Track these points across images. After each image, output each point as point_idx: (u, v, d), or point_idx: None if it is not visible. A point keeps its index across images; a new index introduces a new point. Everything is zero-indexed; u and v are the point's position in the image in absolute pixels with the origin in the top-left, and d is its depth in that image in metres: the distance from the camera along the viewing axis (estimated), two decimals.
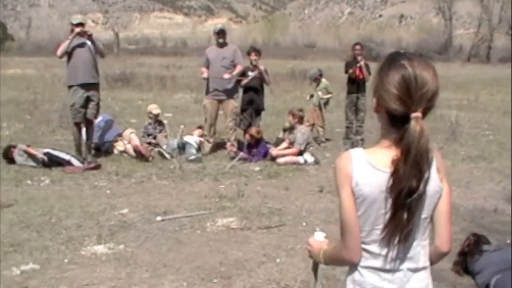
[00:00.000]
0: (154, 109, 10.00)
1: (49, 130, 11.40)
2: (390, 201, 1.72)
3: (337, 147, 10.26)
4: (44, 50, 59.15)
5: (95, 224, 5.58)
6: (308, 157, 8.77)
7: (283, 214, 5.97)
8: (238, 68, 9.21)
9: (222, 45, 9.37)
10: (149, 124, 9.93)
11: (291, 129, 9.10)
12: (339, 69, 10.65)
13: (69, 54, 8.33)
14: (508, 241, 5.14)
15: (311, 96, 11.20)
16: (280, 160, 8.68)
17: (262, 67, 9.52)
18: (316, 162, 8.77)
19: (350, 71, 10.09)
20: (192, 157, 8.91)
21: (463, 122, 12.65)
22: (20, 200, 6.48)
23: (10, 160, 8.27)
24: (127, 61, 37.67)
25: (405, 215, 1.72)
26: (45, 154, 8.20)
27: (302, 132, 8.86)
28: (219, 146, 9.80)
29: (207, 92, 9.39)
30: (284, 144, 9.02)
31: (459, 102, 17.90)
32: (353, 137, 10.38)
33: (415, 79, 1.69)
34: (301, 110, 9.23)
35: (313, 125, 10.79)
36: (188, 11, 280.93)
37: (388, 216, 1.74)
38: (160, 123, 10.05)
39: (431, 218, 1.86)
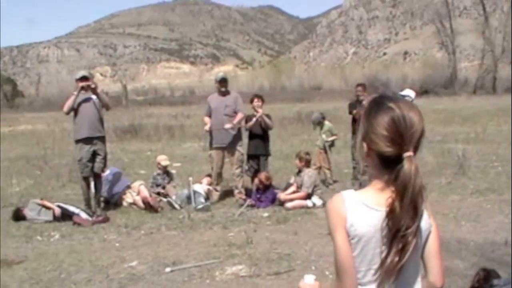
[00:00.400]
0: (163, 160, 10.09)
1: (59, 185, 11.51)
2: (385, 240, 1.74)
3: (345, 188, 10.21)
4: (53, 105, 60.02)
5: (104, 278, 5.59)
6: (316, 200, 8.78)
7: (292, 259, 5.96)
8: (239, 116, 9.30)
9: (224, 93, 9.50)
10: (158, 174, 10.01)
11: (298, 172, 9.13)
12: (346, 109, 10.74)
13: (75, 109, 8.49)
14: None
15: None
16: (288, 204, 8.69)
17: (260, 111, 9.62)
18: (324, 204, 8.74)
19: (354, 111, 10.18)
20: (200, 206, 8.93)
21: (470, 155, 12.62)
22: (30, 256, 6.53)
23: (21, 218, 8.35)
24: (135, 112, 38.16)
25: (401, 253, 1.73)
26: (57, 206, 8.33)
27: (309, 175, 8.90)
28: (227, 194, 9.83)
29: (211, 142, 9.47)
30: (292, 188, 9.05)
31: (467, 135, 17.93)
32: (360, 178, 10.37)
33: (404, 119, 1.75)
34: (307, 153, 9.28)
35: (320, 168, 10.82)
36: (194, 60, 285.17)
37: (384, 254, 1.75)
38: (168, 173, 10.14)
39: (422, 255, 1.88)
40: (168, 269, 5.71)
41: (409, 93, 9.88)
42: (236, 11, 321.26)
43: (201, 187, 9.61)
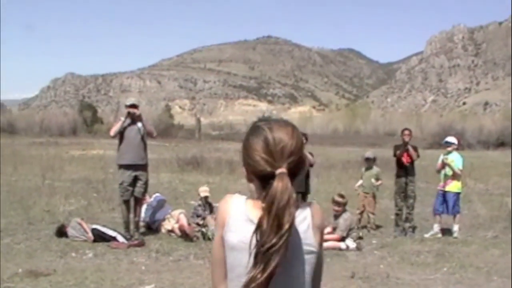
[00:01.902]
0: (203, 191, 10.27)
1: (109, 208, 11.88)
2: (253, 255, 1.70)
3: (386, 234, 10.11)
4: None
5: None
6: (350, 243, 8.70)
7: None
8: None
9: None
10: (199, 205, 10.17)
11: (335, 217, 9.09)
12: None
13: (120, 134, 8.84)
14: None
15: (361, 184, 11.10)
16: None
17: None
18: (358, 248, 8.66)
19: (397, 152, 10.14)
20: None
21: None
22: (59, 271, 6.79)
23: (63, 234, 8.69)
24: (206, 146, 38.91)
25: (263, 271, 1.66)
26: (92, 230, 8.59)
27: (344, 218, 8.87)
28: None
29: None
30: (328, 229, 9.00)
31: None
32: (402, 224, 10.20)
33: (273, 139, 1.80)
34: (342, 196, 9.24)
35: (362, 212, 10.71)
36: (272, 99, 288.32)
37: (248, 270, 1.71)
38: (210, 205, 10.28)
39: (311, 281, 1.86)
40: None
41: (452, 140, 9.79)
42: (316, 53, 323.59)
43: None
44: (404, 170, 10.19)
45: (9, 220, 10.25)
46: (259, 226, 1.71)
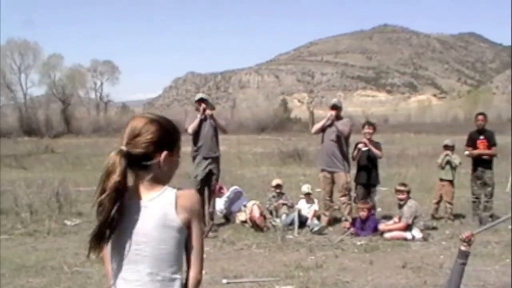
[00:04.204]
0: (275, 181, 10.55)
1: None
2: None
3: (463, 224, 9.84)
4: (245, 128, 63.85)
5: None
6: (416, 233, 8.59)
7: (345, 286, 6.03)
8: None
9: (336, 118, 9.72)
10: (273, 196, 10.46)
11: (400, 206, 9.00)
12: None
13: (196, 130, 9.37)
14: None
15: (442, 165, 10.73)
16: (387, 235, 8.63)
17: (365, 140, 9.67)
18: (424, 238, 8.53)
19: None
20: (316, 228, 9.23)
21: None
22: None
23: None
24: (318, 139, 38.84)
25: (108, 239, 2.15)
26: None
27: (409, 206, 8.76)
28: (337, 220, 9.99)
29: (319, 163, 9.82)
30: (394, 219, 8.97)
31: None
32: (480, 213, 9.88)
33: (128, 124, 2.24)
34: (404, 184, 9.13)
35: (439, 202, 10.47)
36: (391, 89, 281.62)
37: None
38: (282, 194, 10.52)
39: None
40: (224, 281, 6.14)
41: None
42: (435, 39, 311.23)
43: (310, 211, 9.89)
44: (481, 158, 9.86)
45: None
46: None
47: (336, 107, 9.78)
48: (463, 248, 4.21)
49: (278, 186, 10.41)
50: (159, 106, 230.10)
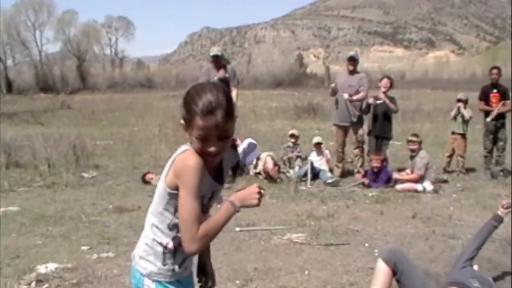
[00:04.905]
0: (292, 131, 10.66)
1: None
2: None
3: (475, 178, 9.91)
4: (261, 83, 63.68)
5: None
6: (427, 185, 8.67)
7: (355, 235, 6.15)
8: (360, 95, 9.48)
9: (351, 72, 9.73)
10: (288, 147, 10.60)
11: (412, 157, 9.07)
12: None
13: None
14: None
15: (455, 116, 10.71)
16: (399, 186, 8.73)
17: (382, 96, 9.66)
18: (435, 190, 8.62)
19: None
20: (330, 180, 9.36)
21: None
22: (143, 207, 7.52)
23: (146, 182, 9.44)
24: None
25: None
26: None
27: (421, 157, 8.83)
28: (350, 172, 10.11)
29: (334, 118, 9.84)
30: (406, 171, 9.06)
31: None
32: (492, 167, 9.92)
33: None
34: (416, 135, 9.17)
35: (451, 156, 10.50)
36: (408, 44, 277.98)
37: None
38: (297, 145, 10.66)
39: None
40: (238, 229, 6.29)
41: None
42: None
43: (321, 162, 10.00)
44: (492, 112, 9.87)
45: (118, 165, 11.34)
46: None
47: (353, 59, 9.75)
48: (499, 212, 4.35)
49: (293, 135, 10.55)
50: (174, 61, 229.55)
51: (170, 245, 2.19)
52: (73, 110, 28.20)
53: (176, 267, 2.23)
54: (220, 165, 2.20)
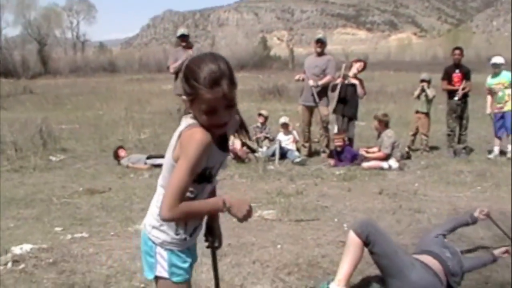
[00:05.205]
0: (261, 111, 10.81)
1: None
2: None
3: (438, 156, 10.21)
4: None
5: None
6: (393, 163, 8.91)
7: (324, 211, 6.32)
8: (326, 78, 9.64)
9: (319, 54, 9.88)
10: (257, 127, 10.75)
11: (378, 135, 9.29)
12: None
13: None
14: None
15: (418, 95, 10.92)
16: (365, 164, 8.94)
17: (353, 80, 9.82)
18: (400, 168, 8.87)
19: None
20: (298, 160, 9.53)
21: None
22: (113, 189, 7.60)
23: (117, 157, 9.52)
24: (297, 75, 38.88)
25: None
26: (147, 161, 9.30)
27: (388, 136, 9.05)
28: (316, 152, 10.30)
29: (301, 98, 10.01)
30: (374, 149, 9.28)
31: None
32: (454, 145, 10.23)
33: None
34: (385, 115, 9.38)
35: (415, 134, 10.78)
36: (371, 27, 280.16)
37: None
38: (266, 127, 10.82)
39: None
40: None
41: (499, 60, 9.69)
42: None
43: (289, 142, 10.18)
44: (456, 91, 10.14)
45: (85, 148, 11.31)
46: None
47: (321, 41, 9.89)
48: (476, 214, 4.74)
49: (261, 115, 10.74)
50: (137, 45, 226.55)
51: None
52: (36, 95, 27.70)
53: (188, 237, 2.30)
54: (224, 133, 2.22)
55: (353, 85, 9.79)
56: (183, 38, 9.81)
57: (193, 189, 2.18)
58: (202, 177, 2.19)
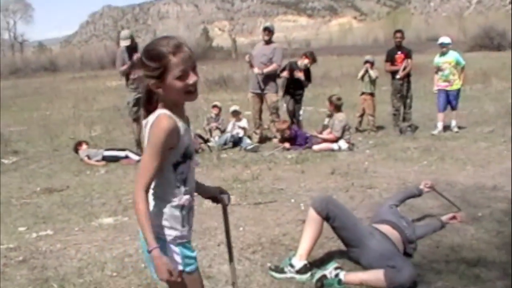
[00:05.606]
0: (215, 103, 11.09)
1: (129, 131, 12.68)
2: None
3: (385, 135, 10.63)
4: None
5: (116, 202, 6.57)
6: (342, 144, 9.26)
7: (280, 193, 6.59)
8: (271, 67, 9.91)
9: (267, 42, 10.12)
10: (211, 117, 10.96)
11: (329, 116, 9.64)
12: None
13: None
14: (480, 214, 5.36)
15: (362, 76, 11.34)
16: (315, 147, 9.27)
17: (299, 74, 10.13)
18: (350, 148, 9.24)
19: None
20: (250, 147, 9.77)
21: None
22: (71, 186, 7.66)
23: (77, 151, 9.60)
24: (242, 65, 39.05)
25: None
26: (103, 158, 9.36)
27: (339, 119, 9.38)
28: (268, 138, 10.58)
29: (250, 86, 10.28)
30: (326, 132, 9.61)
31: None
32: (400, 124, 10.68)
33: None
34: (339, 98, 9.71)
35: (362, 115, 11.18)
36: (311, 13, 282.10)
37: None
38: (219, 118, 11.04)
39: None
40: None
41: (446, 40, 10.11)
42: None
43: (240, 130, 10.44)
44: (398, 71, 10.60)
45: (37, 149, 11.23)
46: None
47: (268, 30, 10.13)
48: (421, 187, 5.13)
49: (215, 106, 10.96)
50: (76, 43, 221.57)
51: (185, 200, 2.41)
52: None
53: (190, 228, 2.49)
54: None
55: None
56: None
57: (182, 170, 2.36)
58: (185, 156, 2.35)
